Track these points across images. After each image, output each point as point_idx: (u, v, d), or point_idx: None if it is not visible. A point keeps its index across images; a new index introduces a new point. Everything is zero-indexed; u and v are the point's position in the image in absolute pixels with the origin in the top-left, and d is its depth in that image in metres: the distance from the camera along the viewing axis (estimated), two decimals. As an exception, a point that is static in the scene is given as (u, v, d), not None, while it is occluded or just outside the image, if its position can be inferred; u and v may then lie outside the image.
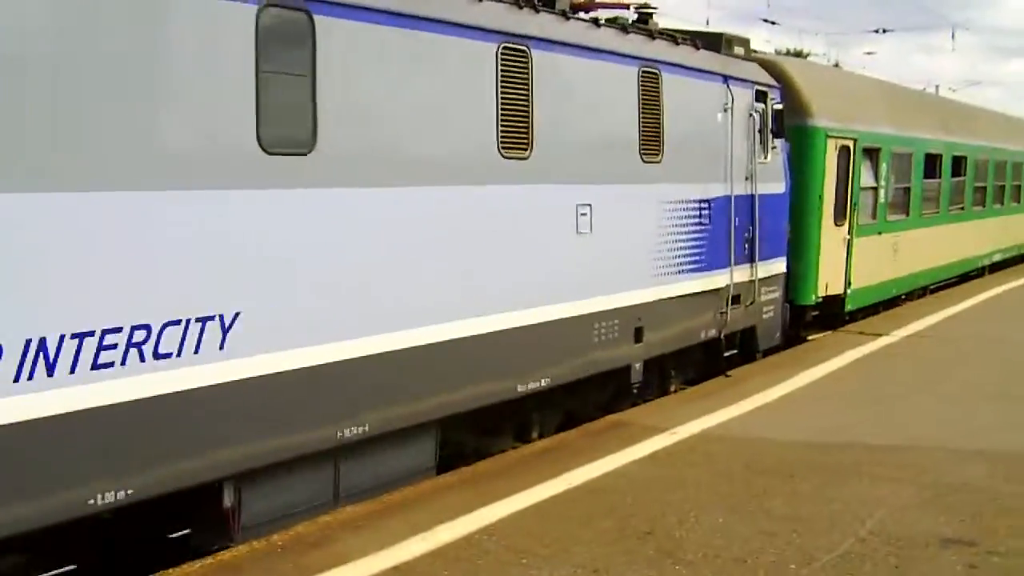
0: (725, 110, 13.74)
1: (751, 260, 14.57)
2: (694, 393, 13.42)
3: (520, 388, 10.23)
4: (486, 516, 8.31)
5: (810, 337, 17.48)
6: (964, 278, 26.19)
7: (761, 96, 14.84)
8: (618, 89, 11.51)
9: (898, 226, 20.47)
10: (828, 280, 17.42)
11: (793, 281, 16.70)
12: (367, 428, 8.54)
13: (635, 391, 12.27)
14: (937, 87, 57.03)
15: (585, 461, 9.85)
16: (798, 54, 51.27)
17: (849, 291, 18.14)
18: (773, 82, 15.36)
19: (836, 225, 17.53)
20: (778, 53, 42.04)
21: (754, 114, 14.50)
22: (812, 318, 17.60)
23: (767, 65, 16.07)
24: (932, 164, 22.43)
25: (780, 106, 15.16)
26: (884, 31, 51.66)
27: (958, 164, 24.37)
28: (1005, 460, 10.08)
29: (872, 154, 18.98)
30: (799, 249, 16.73)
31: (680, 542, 7.81)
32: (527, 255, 10.16)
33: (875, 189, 19.15)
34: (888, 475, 9.54)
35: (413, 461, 9.28)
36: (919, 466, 9.83)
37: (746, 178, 14.37)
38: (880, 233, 19.42)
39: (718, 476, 9.50)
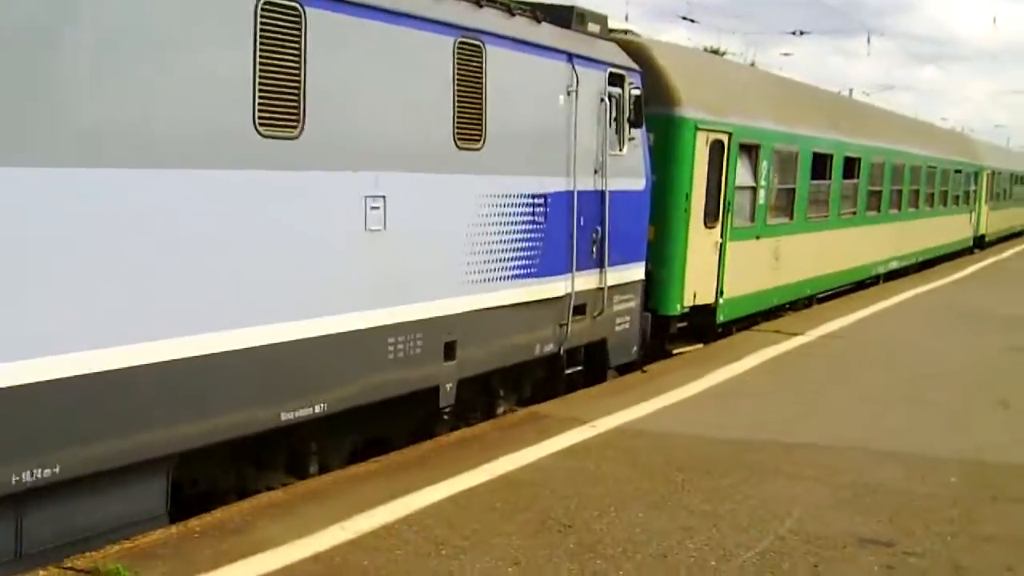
0: (569, 93, 12.19)
1: (600, 265, 13.06)
2: (611, 387, 13.46)
3: (285, 416, 8.54)
4: (405, 506, 8.31)
5: (676, 351, 16.01)
6: (858, 286, 25.07)
7: (617, 80, 13.33)
8: (427, 61, 9.88)
9: (780, 230, 19.14)
10: (697, 288, 15.99)
11: (655, 289, 15.26)
12: (57, 470, 6.83)
13: (446, 416, 10.64)
14: (851, 90, 59.06)
15: (503, 453, 9.86)
16: (715, 51, 53.17)
17: (721, 300, 16.73)
18: (632, 65, 13.86)
19: (707, 228, 16.11)
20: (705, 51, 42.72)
21: (606, 100, 12.98)
22: (679, 330, 16.14)
23: (629, 47, 14.58)
24: (821, 165, 21.18)
25: (639, 92, 13.66)
26: (801, 33, 53.35)
27: (851, 166, 23.15)
28: (919, 462, 10.35)
29: (751, 151, 17.61)
30: (662, 253, 15.29)
31: (600, 536, 7.89)
32: (295, 256, 8.47)
33: (754, 189, 17.78)
34: (805, 474, 9.77)
35: (134, 507, 7.57)
36: (835, 466, 10.05)
37: (595, 172, 12.85)
38: (759, 237, 18.06)
39: (637, 470, 9.61)
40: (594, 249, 12.93)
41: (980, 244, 41.56)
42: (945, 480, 9.81)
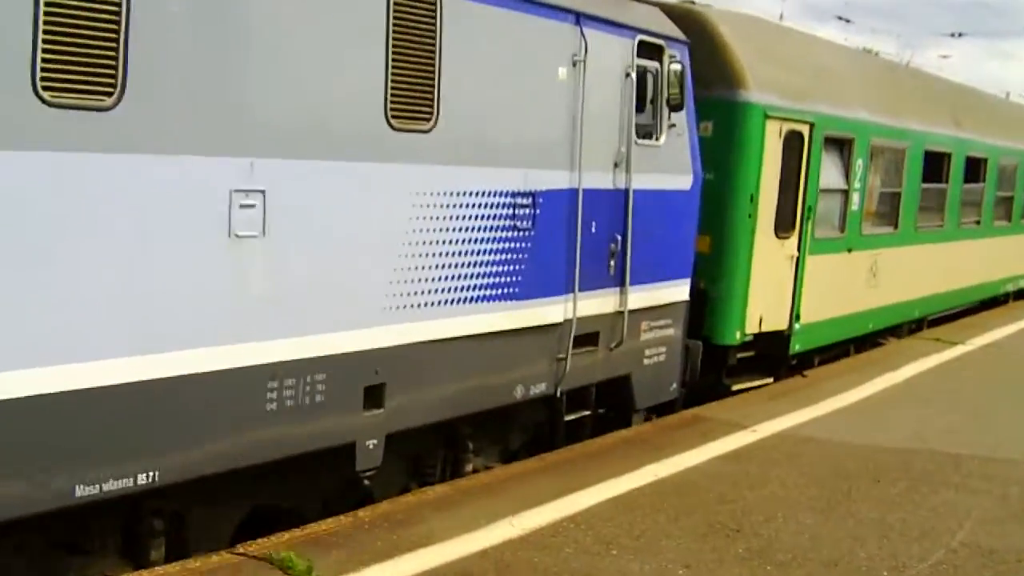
0: (575, 64, 9.63)
1: (620, 283, 10.47)
2: (769, 392, 13.27)
3: (82, 492, 6.18)
4: (572, 504, 8.35)
5: (737, 387, 13.29)
6: (983, 306, 21.90)
7: (651, 51, 10.74)
8: (345, 12, 7.44)
9: (881, 241, 16.23)
10: (764, 312, 13.26)
11: (710, 313, 12.61)
12: None
13: (367, 481, 8.17)
14: (1008, 93, 56.47)
15: (667, 455, 9.87)
16: (868, 51, 51.44)
17: (798, 326, 13.94)
18: (676, 33, 11.22)
19: (779, 238, 13.36)
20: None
21: (634, 75, 10.38)
22: (741, 362, 13.44)
23: (676, 12, 11.98)
24: (936, 165, 18.16)
25: (681, 67, 11.02)
26: (960, 35, 52.25)
27: (975, 168, 20.02)
28: None
29: (842, 146, 14.77)
30: (718, 269, 12.64)
31: (769, 541, 7.89)
32: (110, 272, 6.12)
33: (845, 193, 14.92)
34: (975, 485, 9.64)
35: None
36: (1006, 477, 9.92)
37: (615, 165, 10.29)
38: (851, 250, 15.19)
39: (803, 476, 9.56)
40: (612, 263, 10.35)
41: None
42: None
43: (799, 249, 13.71)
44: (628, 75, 10.36)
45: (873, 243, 15.93)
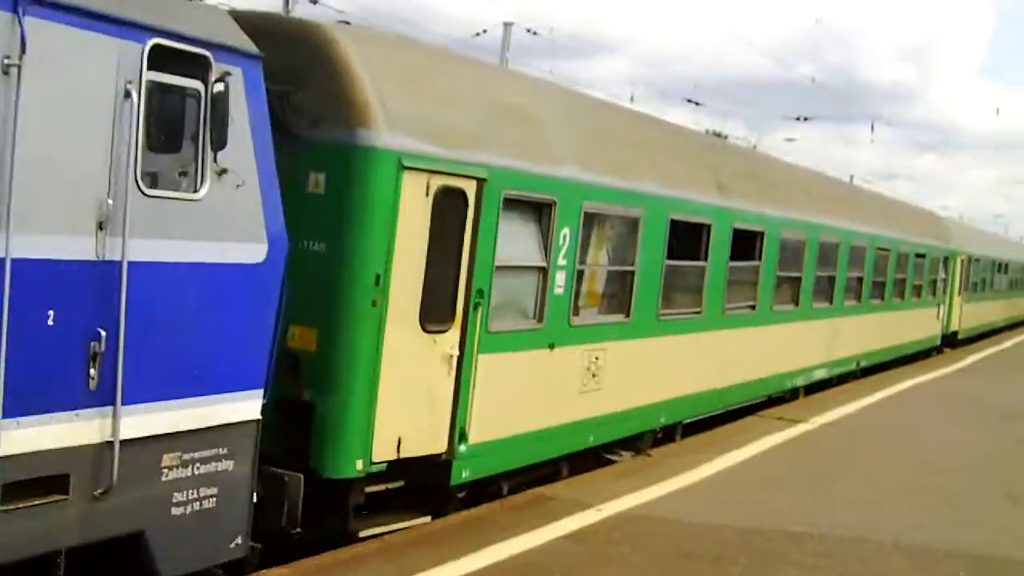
0: (5, 70, 6.37)
1: (102, 401, 7.15)
2: (614, 470, 13.37)
3: None
4: None
5: (367, 533, 10.01)
6: (769, 402, 19.20)
7: (187, 64, 7.55)
8: None
9: (604, 333, 13.25)
10: (405, 430, 10.06)
11: (316, 434, 9.36)
12: None
13: None
14: (852, 176, 58.65)
15: (509, 536, 10.03)
16: (718, 135, 51.75)
17: (464, 448, 10.77)
18: (239, 43, 8.04)
19: (428, 332, 10.20)
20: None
21: (137, 93, 7.16)
22: (386, 496, 10.21)
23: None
24: (691, 238, 15.36)
25: (239, 88, 7.87)
26: (805, 119, 53.12)
27: (747, 242, 17.29)
28: (926, 554, 10.73)
29: (540, 210, 11.76)
30: (328, 374, 9.44)
31: None
32: None
33: (544, 271, 11.88)
34: (813, 564, 10.14)
35: None
36: (845, 554, 10.48)
37: (99, 225, 7.00)
38: (553, 346, 12.13)
39: (645, 556, 9.92)
40: (91, 371, 7.04)
41: (951, 342, 36.54)
42: (953, 574, 10.20)
43: (463, 346, 10.56)
44: (129, 94, 7.11)
45: (591, 335, 12.94)
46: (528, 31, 40.75)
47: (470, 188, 10.48)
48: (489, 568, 9.08)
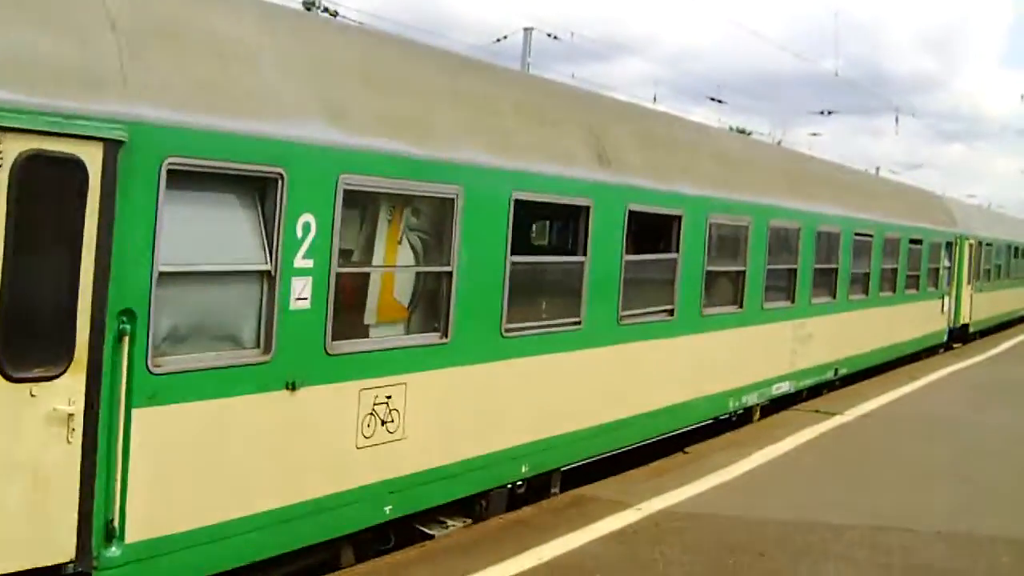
0: None
1: None
2: (652, 469, 13.17)
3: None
4: None
5: None
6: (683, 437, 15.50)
7: None
8: None
9: (401, 361, 9.55)
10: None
11: None
12: None
13: None
14: (877, 168, 57.37)
15: (550, 538, 10.05)
16: (742, 131, 52.32)
17: (115, 551, 7.20)
18: None
19: (11, 379, 6.62)
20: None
21: None
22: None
23: None
24: (560, 224, 11.70)
25: None
26: (829, 113, 55.19)
27: (660, 229, 13.57)
28: (968, 541, 10.75)
29: (257, 187, 8.14)
30: None
31: None
32: None
33: (266, 276, 8.23)
34: (857, 555, 10.16)
35: None
36: (887, 546, 10.47)
37: None
38: (294, 386, 8.44)
39: (687, 552, 9.91)
40: None
41: (963, 336, 32.79)
42: (996, 560, 10.22)
43: (93, 398, 6.93)
44: None
45: (375, 366, 9.26)
46: (549, 35, 39.06)
47: (90, 155, 6.84)
48: (533, 570, 9.24)
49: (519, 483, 11.39)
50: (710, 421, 15.80)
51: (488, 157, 10.42)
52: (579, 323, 11.97)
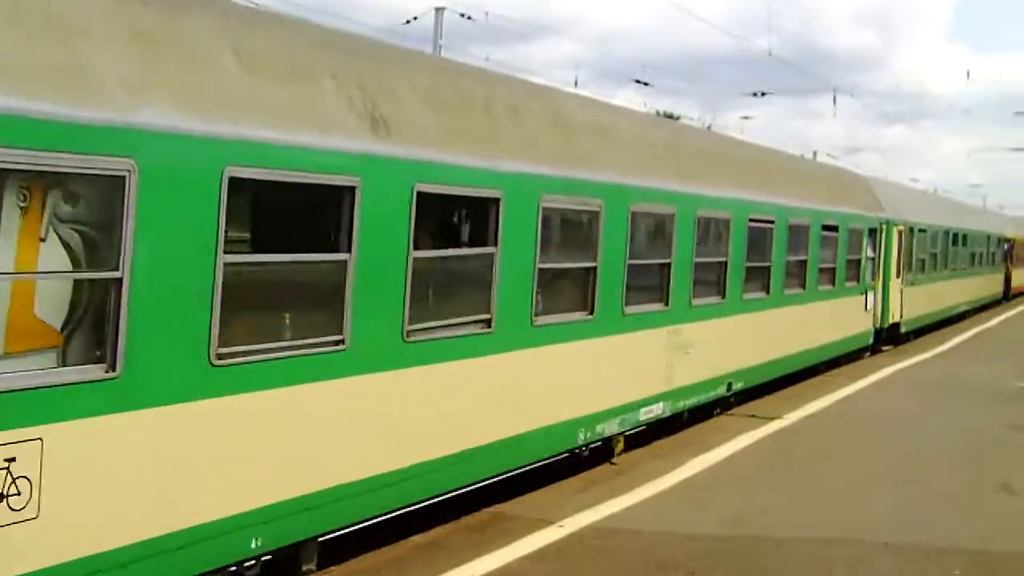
0: None
1: None
2: (577, 483, 12.83)
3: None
4: None
5: None
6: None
7: None
8: None
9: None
10: None
11: None
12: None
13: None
14: (815, 153, 56.41)
15: (463, 560, 9.68)
16: (669, 116, 51.87)
17: None
18: None
19: None
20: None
21: None
22: None
23: None
24: (300, 214, 9.24)
25: None
26: (762, 94, 50.87)
27: (471, 219, 11.07)
28: (917, 553, 10.39)
29: None
30: None
31: None
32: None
33: None
34: (795, 570, 9.82)
35: None
36: (829, 558, 10.12)
37: None
38: None
39: (615, 572, 9.60)
40: None
41: (893, 337, 29.49)
42: (948, 573, 9.84)
43: None
44: None
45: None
46: (462, 15, 37.65)
47: None
48: (450, 596, 8.85)
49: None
50: (551, 459, 13.00)
51: (181, 120, 7.60)
52: (341, 343, 9.17)
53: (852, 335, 25.43)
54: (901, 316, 29.73)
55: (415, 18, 39.55)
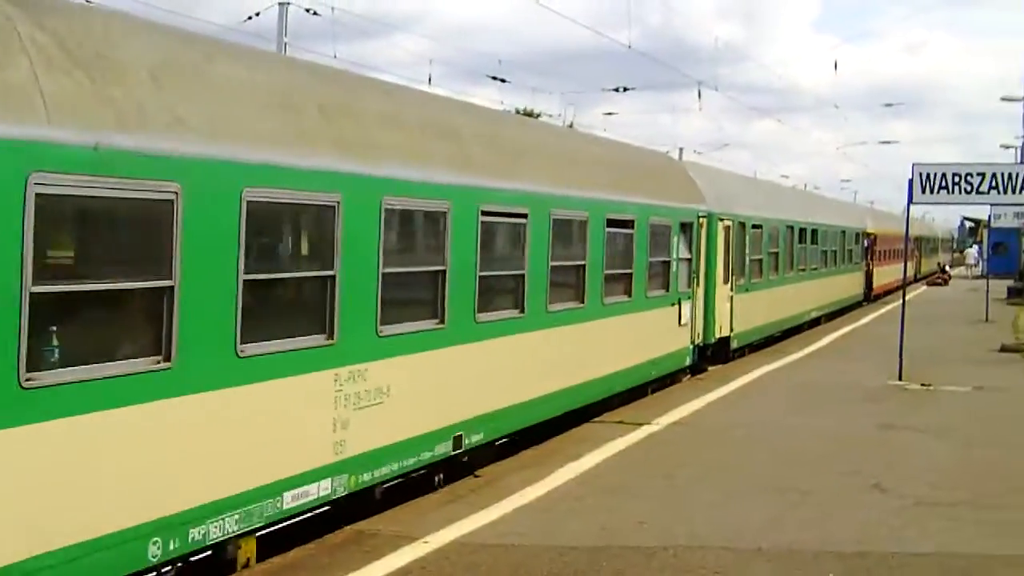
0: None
1: None
2: (441, 497, 12.66)
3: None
4: None
5: None
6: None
7: None
8: None
9: None
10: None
11: None
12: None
13: None
14: (681, 150, 56.65)
15: None
16: (529, 114, 51.05)
17: None
18: None
19: None
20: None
21: None
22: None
23: None
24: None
25: None
26: (625, 89, 50.27)
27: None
28: (792, 558, 10.37)
29: None
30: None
31: None
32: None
33: None
34: None
35: None
36: (703, 567, 10.03)
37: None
38: None
39: None
40: None
41: (720, 354, 25.17)
42: None
43: None
44: None
45: None
46: (307, 11, 35.48)
47: None
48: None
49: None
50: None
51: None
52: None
53: (659, 357, 20.70)
54: (732, 329, 25.46)
55: (258, 14, 38.55)
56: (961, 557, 10.60)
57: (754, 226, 27.49)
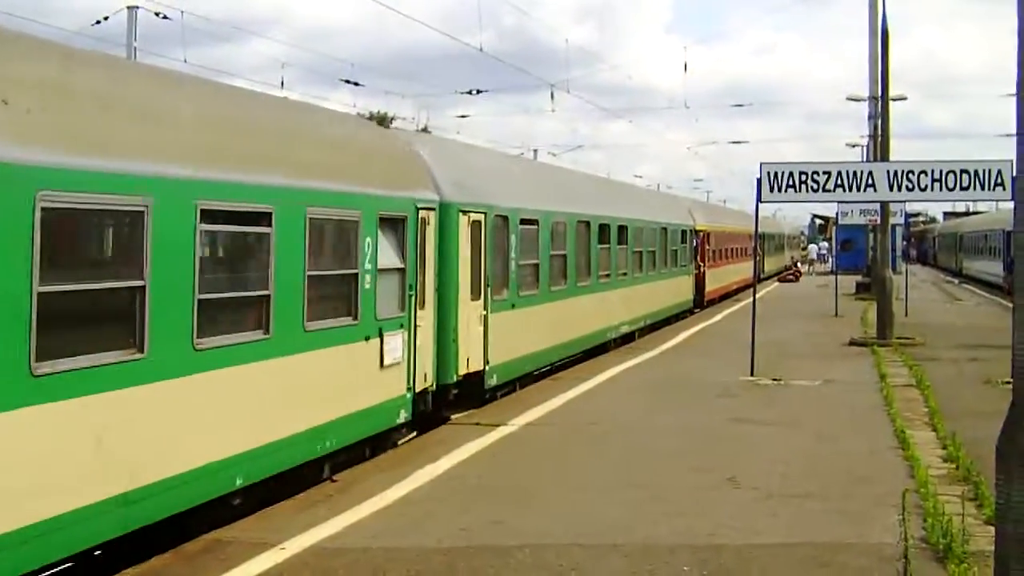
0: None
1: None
2: (296, 503, 12.58)
3: None
4: None
5: None
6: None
7: None
8: None
9: None
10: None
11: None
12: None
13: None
14: (535, 152, 54.06)
15: None
16: (383, 118, 51.88)
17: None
18: None
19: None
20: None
21: None
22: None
23: None
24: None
25: None
26: (478, 92, 50.96)
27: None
28: (646, 552, 10.58)
29: None
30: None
31: None
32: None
33: None
34: None
35: None
36: (559, 564, 10.21)
37: None
38: None
39: None
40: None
41: (475, 396, 19.34)
42: (678, 570, 10.05)
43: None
44: None
45: None
46: (157, 15, 35.32)
47: None
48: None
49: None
50: None
51: None
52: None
53: (336, 420, 13.99)
54: (487, 360, 19.41)
55: (106, 18, 37.65)
56: (810, 546, 10.89)
57: (524, 221, 21.69)
